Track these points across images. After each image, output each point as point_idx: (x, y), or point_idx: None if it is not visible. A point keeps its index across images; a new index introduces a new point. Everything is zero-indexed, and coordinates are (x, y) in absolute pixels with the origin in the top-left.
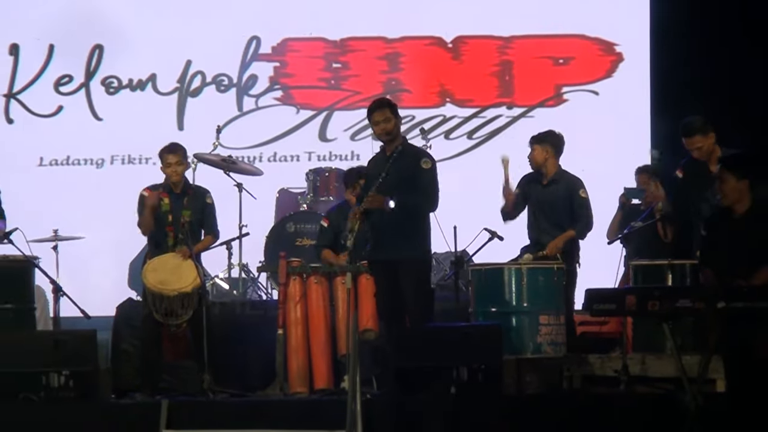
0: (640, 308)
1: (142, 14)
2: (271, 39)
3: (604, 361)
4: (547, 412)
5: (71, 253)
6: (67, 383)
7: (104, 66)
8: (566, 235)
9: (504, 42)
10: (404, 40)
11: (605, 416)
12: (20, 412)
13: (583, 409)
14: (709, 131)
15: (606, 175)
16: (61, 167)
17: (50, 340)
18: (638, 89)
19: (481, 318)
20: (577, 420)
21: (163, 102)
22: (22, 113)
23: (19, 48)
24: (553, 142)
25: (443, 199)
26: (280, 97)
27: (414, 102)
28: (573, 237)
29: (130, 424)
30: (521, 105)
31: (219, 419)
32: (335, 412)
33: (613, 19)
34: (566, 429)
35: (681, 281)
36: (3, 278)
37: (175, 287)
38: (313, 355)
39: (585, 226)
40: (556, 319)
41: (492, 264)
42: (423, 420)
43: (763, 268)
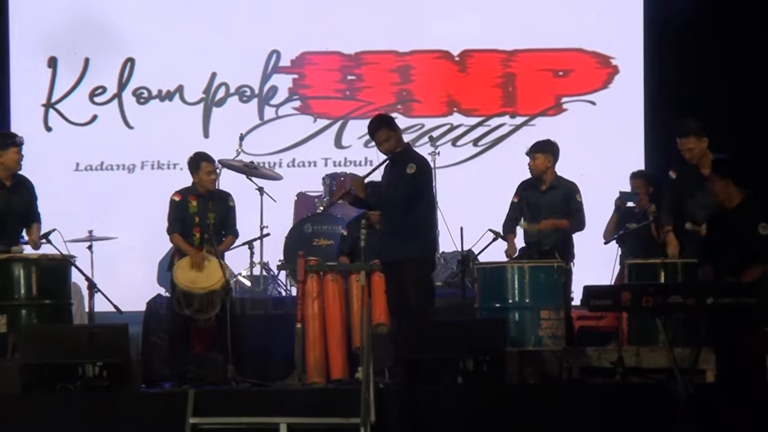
0: (635, 304)
1: (170, 29)
2: (290, 53)
3: (601, 354)
4: (548, 401)
5: (105, 252)
6: (101, 373)
7: (135, 78)
8: (562, 222)
9: (507, 55)
10: (414, 53)
11: (602, 405)
12: (58, 401)
13: (581, 398)
14: (703, 135)
15: (602, 179)
16: (95, 172)
17: (85, 334)
18: (633, 99)
19: (485, 313)
20: (576, 408)
21: (189, 111)
22: (59, 122)
23: (56, 61)
24: (553, 150)
25: (451, 201)
26: (298, 107)
27: (423, 111)
28: (565, 228)
29: (159, 412)
30: (523, 114)
31: (242, 407)
32: (350, 400)
33: (609, 34)
34: (566, 417)
35: (673, 278)
36: (42, 276)
37: (204, 285)
38: (330, 347)
39: (578, 223)
40: (556, 314)
41: (496, 262)
42: (431, 408)
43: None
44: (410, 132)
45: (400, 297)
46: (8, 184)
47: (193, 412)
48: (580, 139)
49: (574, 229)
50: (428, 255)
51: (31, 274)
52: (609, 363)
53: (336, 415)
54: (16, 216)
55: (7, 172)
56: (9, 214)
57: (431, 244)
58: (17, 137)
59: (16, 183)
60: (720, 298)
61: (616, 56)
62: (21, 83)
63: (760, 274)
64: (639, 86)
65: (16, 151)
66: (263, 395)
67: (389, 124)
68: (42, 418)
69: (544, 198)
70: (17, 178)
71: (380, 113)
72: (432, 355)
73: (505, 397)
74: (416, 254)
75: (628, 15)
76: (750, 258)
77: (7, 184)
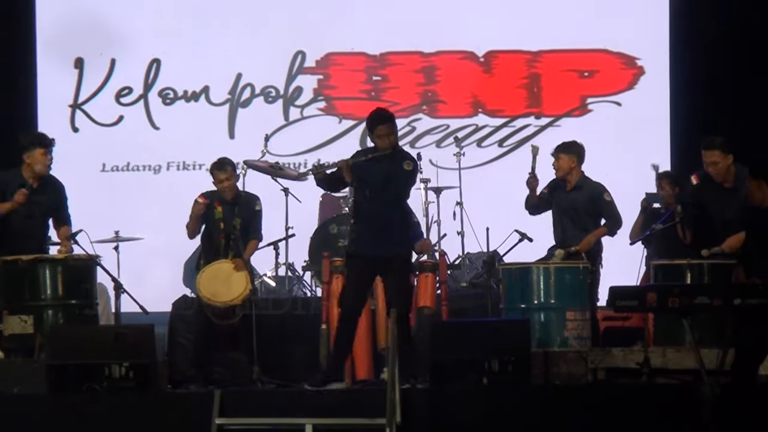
0: (661, 304)
1: (196, 30)
2: (315, 53)
3: (627, 354)
4: (573, 402)
5: (131, 252)
6: (127, 374)
7: (161, 78)
8: (598, 232)
9: (532, 56)
10: (439, 54)
11: (628, 406)
12: (84, 401)
13: (607, 399)
14: (728, 152)
15: (628, 180)
16: (121, 173)
17: (111, 334)
18: (658, 100)
19: (510, 314)
20: (602, 410)
21: (215, 112)
22: (86, 122)
23: (83, 62)
24: (578, 151)
25: (476, 202)
26: (323, 108)
27: (448, 112)
28: (605, 234)
29: (185, 413)
30: (548, 115)
31: (267, 408)
32: (375, 401)
33: (635, 35)
34: (591, 418)
35: (699, 279)
36: (69, 276)
37: (225, 300)
38: (355, 348)
39: (615, 224)
40: (581, 314)
41: (522, 263)
42: (457, 408)
43: None
44: (435, 133)
45: (400, 290)
46: (35, 185)
47: (218, 413)
48: (605, 140)
49: (613, 230)
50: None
51: (56, 274)
52: (635, 364)
53: (361, 415)
54: (42, 217)
55: (33, 173)
56: (34, 215)
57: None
58: (44, 138)
59: (43, 184)
60: (747, 299)
61: (641, 57)
62: (48, 84)
63: None
64: (665, 87)
65: (42, 152)
66: (289, 396)
67: (392, 120)
68: (68, 419)
69: (568, 198)
70: (45, 179)
71: (381, 108)
72: (457, 356)
73: (531, 398)
74: (409, 251)
75: (654, 16)
76: None
77: (34, 185)
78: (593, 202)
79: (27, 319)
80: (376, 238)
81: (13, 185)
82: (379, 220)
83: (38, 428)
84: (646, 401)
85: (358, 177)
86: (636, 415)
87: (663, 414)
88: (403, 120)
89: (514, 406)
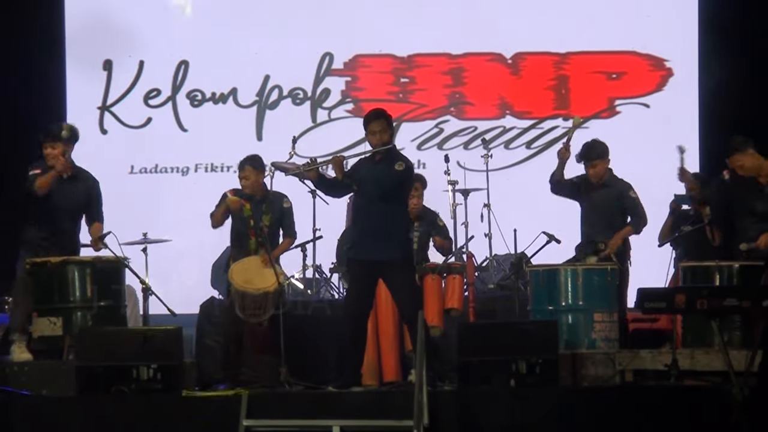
0: (689, 306)
1: (224, 33)
2: (343, 55)
3: (655, 356)
4: (601, 404)
5: (159, 254)
6: (155, 376)
7: (189, 80)
8: (624, 232)
9: (560, 58)
10: (467, 56)
11: (656, 408)
12: (112, 403)
13: (635, 401)
14: (747, 149)
15: (657, 182)
16: (149, 175)
17: (140, 336)
18: (687, 102)
19: (538, 315)
20: (630, 411)
21: (243, 114)
22: (114, 124)
23: (112, 64)
24: (608, 152)
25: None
26: (351, 110)
27: (476, 114)
28: (630, 233)
29: (212, 414)
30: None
31: (295, 410)
32: (403, 403)
33: (663, 37)
34: (619, 420)
35: (728, 281)
36: (97, 278)
37: (260, 286)
38: (382, 350)
39: (639, 221)
40: (609, 316)
41: (549, 265)
42: (484, 410)
43: None
44: (463, 135)
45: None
46: (65, 176)
47: (246, 415)
48: (634, 142)
49: (638, 228)
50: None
51: (85, 276)
52: (663, 365)
53: (389, 417)
54: (70, 208)
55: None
56: (61, 207)
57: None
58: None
59: (73, 176)
60: None
61: (670, 59)
62: (76, 86)
63: None
64: (694, 89)
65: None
66: (316, 397)
67: (388, 118)
68: (97, 420)
69: (597, 195)
70: (77, 171)
71: (378, 107)
72: (484, 358)
73: (558, 400)
74: (406, 254)
75: (682, 17)
76: None
77: (65, 175)
78: (621, 199)
79: (56, 320)
80: (371, 242)
81: None
82: (373, 224)
83: (66, 430)
84: (674, 403)
85: (355, 179)
86: (664, 417)
87: (691, 416)
88: (430, 122)
89: (541, 409)
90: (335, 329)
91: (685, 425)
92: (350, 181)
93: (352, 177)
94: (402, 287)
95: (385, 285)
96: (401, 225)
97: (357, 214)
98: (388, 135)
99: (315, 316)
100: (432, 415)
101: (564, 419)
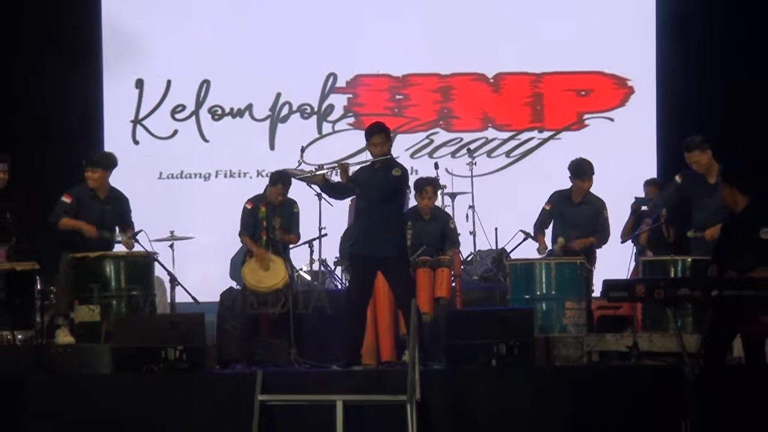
0: (648, 295)
1: (240, 55)
2: (345, 75)
3: (618, 339)
4: (571, 381)
5: (184, 250)
6: (181, 356)
7: (210, 97)
8: (589, 240)
9: (536, 77)
10: (454, 76)
11: (619, 385)
12: (144, 380)
13: (600, 378)
14: (706, 148)
15: (620, 186)
16: (175, 180)
17: (167, 322)
18: (646, 116)
19: (516, 303)
20: (596, 388)
21: (258, 127)
22: (145, 136)
23: (143, 82)
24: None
25: (486, 206)
26: (352, 123)
27: (462, 126)
28: (593, 243)
29: (231, 390)
30: (550, 129)
31: (303, 386)
32: (398, 380)
33: (626, 59)
34: (587, 396)
35: (682, 273)
36: (130, 270)
37: (269, 285)
38: (380, 334)
39: (604, 238)
40: (578, 304)
41: (526, 259)
42: (469, 387)
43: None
44: (450, 145)
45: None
46: (102, 197)
47: (261, 390)
48: (600, 151)
49: (601, 243)
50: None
51: (120, 269)
52: (625, 347)
53: (385, 392)
54: (109, 225)
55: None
56: (103, 223)
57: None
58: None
59: (110, 196)
60: (724, 290)
61: (632, 78)
62: (112, 102)
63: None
64: (652, 104)
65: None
66: (322, 375)
67: (387, 132)
68: (130, 396)
69: (575, 211)
70: (112, 191)
71: (379, 122)
72: (469, 341)
73: (534, 378)
74: (402, 250)
75: (642, 41)
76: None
77: (101, 196)
78: (595, 216)
79: (94, 308)
80: (371, 239)
81: (84, 197)
82: (373, 224)
83: (104, 404)
84: (634, 381)
85: (358, 184)
86: (625, 393)
87: (649, 392)
88: (422, 134)
89: (519, 385)
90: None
91: (644, 400)
92: (353, 185)
93: (355, 182)
94: (398, 279)
95: (383, 277)
96: (397, 224)
97: (359, 215)
98: (387, 146)
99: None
100: (423, 391)
101: (539, 394)
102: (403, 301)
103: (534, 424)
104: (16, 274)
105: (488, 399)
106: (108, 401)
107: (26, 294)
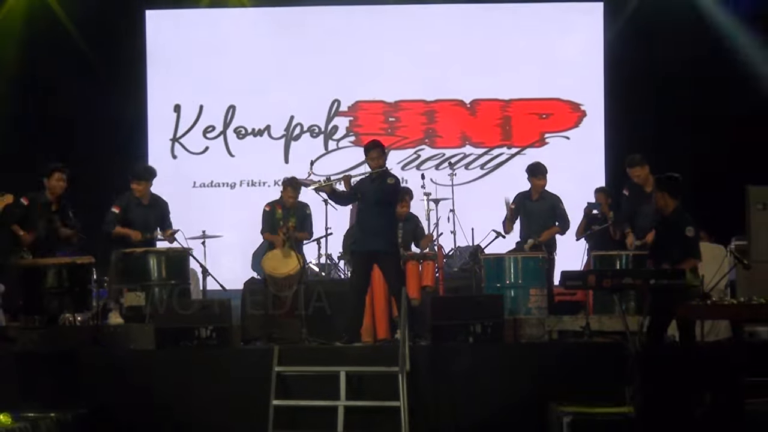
0: (598, 284)
1: (261, 84)
2: (347, 101)
3: (574, 320)
4: (535, 355)
5: (214, 246)
6: (211, 335)
7: (236, 119)
8: (552, 230)
9: (505, 103)
10: (438, 102)
11: (575, 358)
12: (181, 355)
13: (559, 353)
14: (645, 164)
15: (574, 193)
16: (207, 188)
17: (200, 306)
18: (596, 135)
19: (489, 290)
20: (555, 360)
21: (274, 144)
22: (182, 152)
23: (180, 107)
24: (547, 172)
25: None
26: (353, 141)
27: (444, 144)
28: (557, 232)
29: (253, 363)
30: (517, 146)
31: (313, 359)
32: (391, 354)
33: (579, 87)
34: (548, 367)
35: (625, 266)
36: (169, 263)
37: (283, 272)
38: (376, 316)
39: (565, 225)
40: (540, 291)
41: (498, 254)
42: (450, 360)
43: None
44: (434, 159)
45: (393, 275)
46: (145, 203)
47: (277, 363)
48: (558, 164)
49: (564, 229)
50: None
51: (161, 262)
52: (579, 327)
53: (381, 365)
54: (151, 226)
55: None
56: (147, 224)
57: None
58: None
59: (150, 202)
60: (659, 280)
61: (584, 103)
62: (155, 124)
63: (691, 266)
64: (601, 125)
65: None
66: (328, 350)
67: (383, 148)
68: (170, 367)
69: (534, 206)
70: (154, 197)
71: (375, 139)
72: (451, 322)
73: (504, 353)
74: (395, 247)
75: (593, 73)
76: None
77: (144, 202)
78: (552, 209)
79: (140, 294)
80: (369, 238)
81: (131, 204)
82: (371, 225)
83: (148, 374)
84: (587, 355)
85: (359, 192)
86: (580, 365)
87: (600, 364)
88: (411, 150)
89: (491, 359)
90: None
91: (595, 370)
92: (355, 193)
93: (357, 190)
94: (391, 270)
95: (379, 269)
96: (391, 225)
97: (359, 217)
98: (383, 160)
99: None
100: (412, 363)
101: (508, 367)
102: (396, 289)
103: (504, 390)
104: (76, 267)
105: (465, 370)
106: (151, 371)
107: (84, 283)
